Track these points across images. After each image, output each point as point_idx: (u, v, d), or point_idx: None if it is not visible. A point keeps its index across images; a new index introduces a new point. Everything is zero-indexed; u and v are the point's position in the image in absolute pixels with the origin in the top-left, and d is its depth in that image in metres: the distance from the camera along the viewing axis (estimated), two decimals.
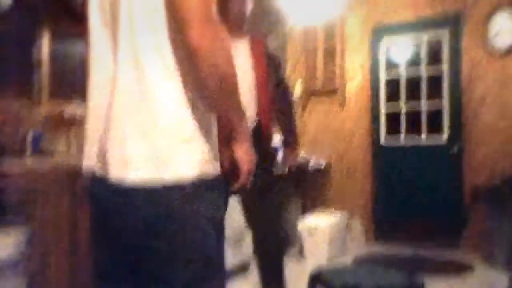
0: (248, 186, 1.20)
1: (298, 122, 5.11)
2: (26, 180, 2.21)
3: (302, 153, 4.94)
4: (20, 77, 2.93)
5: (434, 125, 4.53)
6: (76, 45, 3.23)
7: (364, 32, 4.81)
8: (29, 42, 2.98)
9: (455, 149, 4.36)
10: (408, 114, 4.67)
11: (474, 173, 4.26)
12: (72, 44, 3.24)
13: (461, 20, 4.33)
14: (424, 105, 4.57)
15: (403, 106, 4.68)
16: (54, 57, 3.10)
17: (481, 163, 4.24)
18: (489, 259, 3.83)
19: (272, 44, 5.11)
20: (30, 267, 1.98)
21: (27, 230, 2.10)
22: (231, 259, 3.62)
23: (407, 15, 4.60)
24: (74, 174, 2.40)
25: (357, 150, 4.85)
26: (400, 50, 4.74)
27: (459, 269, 3.77)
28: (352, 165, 4.87)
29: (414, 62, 4.65)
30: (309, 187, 5.05)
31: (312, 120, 5.09)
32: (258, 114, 2.05)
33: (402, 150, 4.67)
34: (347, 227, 4.67)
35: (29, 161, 2.43)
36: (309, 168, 4.64)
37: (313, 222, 4.21)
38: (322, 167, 4.90)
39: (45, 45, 3.04)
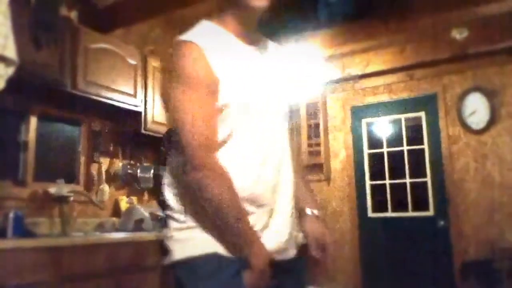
0: None
1: None
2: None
3: None
4: (5, 157, 2.99)
5: (420, 199, 4.56)
6: (62, 127, 3.34)
7: (345, 111, 4.99)
8: (16, 123, 3.08)
9: (441, 223, 4.37)
10: (393, 189, 4.72)
11: (462, 245, 4.23)
12: (58, 127, 3.35)
13: (437, 102, 4.52)
14: (408, 181, 4.63)
15: (387, 182, 4.74)
16: (40, 138, 3.18)
17: (469, 235, 4.23)
18: None
19: None
20: None
21: None
22: None
23: (384, 97, 4.81)
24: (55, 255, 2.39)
25: (344, 223, 4.84)
26: (380, 128, 4.90)
27: None
28: (341, 239, 4.83)
29: (395, 139, 4.79)
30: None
31: None
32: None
33: (389, 222, 4.67)
34: None
35: (10, 243, 2.41)
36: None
37: None
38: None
39: (32, 127, 3.13)
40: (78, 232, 3.19)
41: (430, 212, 4.47)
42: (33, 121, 3.14)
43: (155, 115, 3.72)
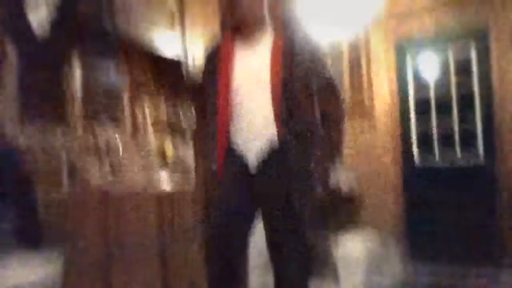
0: None
1: None
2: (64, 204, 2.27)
3: None
4: (55, 105, 3.03)
5: (468, 144, 4.42)
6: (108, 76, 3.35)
7: (389, 47, 4.76)
8: (61, 71, 3.09)
9: (491, 168, 4.23)
10: (440, 132, 4.58)
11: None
12: (104, 75, 3.35)
13: (488, 33, 4.23)
14: (456, 123, 4.48)
15: (434, 125, 4.59)
16: (86, 86, 3.20)
17: None
18: None
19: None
20: None
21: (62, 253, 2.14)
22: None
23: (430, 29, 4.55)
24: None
25: (389, 171, 4.77)
26: (428, 67, 4.68)
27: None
28: (385, 186, 4.78)
29: (443, 77, 4.58)
30: (341, 210, 4.98)
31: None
32: (275, 118, 1.81)
33: (436, 170, 4.56)
34: (382, 249, 4.56)
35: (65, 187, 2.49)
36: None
37: (347, 244, 4.14)
38: (354, 188, 4.83)
39: (78, 75, 3.15)
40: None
41: (480, 161, 4.33)
42: (79, 69, 3.15)
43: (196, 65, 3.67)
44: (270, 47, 1.86)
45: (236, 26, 1.90)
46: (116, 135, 3.26)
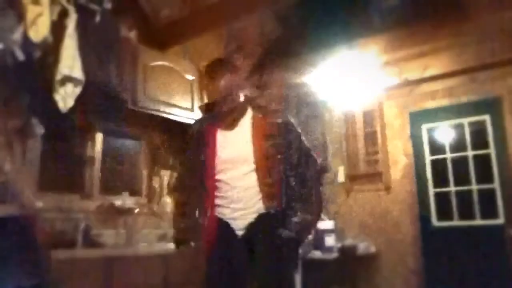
0: None
1: (343, 207, 5.07)
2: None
3: (350, 239, 4.83)
4: (73, 172, 3.17)
5: (488, 206, 4.33)
6: (124, 143, 3.49)
7: (403, 117, 4.85)
8: (82, 140, 3.25)
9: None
10: (458, 196, 4.52)
11: None
12: (120, 142, 3.50)
13: (502, 104, 4.29)
14: (474, 187, 4.42)
15: (452, 189, 4.55)
16: (105, 154, 3.34)
17: None
18: None
19: (313, 130, 5.24)
20: None
21: None
22: None
23: (443, 102, 4.64)
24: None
25: (406, 234, 4.69)
26: (442, 133, 4.72)
27: None
28: (403, 249, 4.68)
29: (458, 144, 4.59)
30: (359, 273, 4.86)
31: (358, 205, 5.03)
32: (259, 184, 1.99)
33: (455, 231, 4.46)
34: None
35: (80, 252, 2.54)
36: (358, 253, 4.50)
37: None
38: (372, 252, 4.74)
39: (98, 143, 3.30)
40: (142, 243, 3.30)
41: (500, 220, 4.24)
42: (99, 137, 3.31)
43: None
44: (250, 128, 2.06)
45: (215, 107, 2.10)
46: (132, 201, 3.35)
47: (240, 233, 2.01)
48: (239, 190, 2.00)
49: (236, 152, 2.03)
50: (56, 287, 1.89)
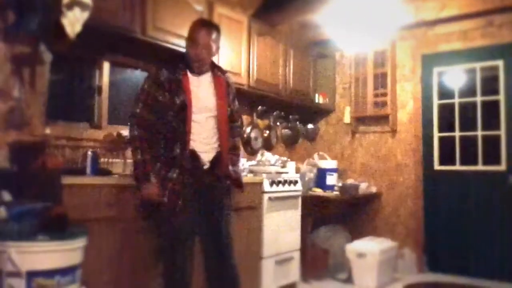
0: None
1: (348, 149, 5.11)
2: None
3: (351, 179, 4.91)
4: (81, 102, 3.18)
5: (492, 153, 4.36)
6: (132, 74, 3.47)
7: (415, 59, 4.77)
8: (91, 71, 3.24)
9: None
10: (463, 142, 4.54)
11: None
12: (128, 74, 3.48)
13: None
14: (479, 133, 4.42)
15: (457, 134, 4.56)
16: (112, 84, 3.34)
17: None
18: None
19: (323, 69, 5.18)
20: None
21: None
22: (277, 280, 3.64)
23: (458, 45, 4.53)
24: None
25: (409, 176, 4.76)
26: (453, 78, 4.65)
27: None
28: (404, 192, 4.77)
29: (468, 89, 4.54)
30: (360, 213, 4.99)
31: (363, 147, 5.07)
32: (219, 138, 2.54)
33: (456, 175, 4.52)
34: (398, 255, 4.55)
35: (89, 179, 2.60)
36: (359, 193, 4.59)
37: (363, 247, 4.15)
38: (373, 193, 4.84)
39: (105, 73, 3.28)
40: None
41: (502, 167, 4.28)
42: (106, 67, 3.29)
43: (220, 64, 3.75)
44: (211, 82, 2.61)
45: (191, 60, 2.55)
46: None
47: (205, 167, 2.52)
48: (205, 129, 2.51)
49: (205, 102, 2.53)
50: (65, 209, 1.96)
